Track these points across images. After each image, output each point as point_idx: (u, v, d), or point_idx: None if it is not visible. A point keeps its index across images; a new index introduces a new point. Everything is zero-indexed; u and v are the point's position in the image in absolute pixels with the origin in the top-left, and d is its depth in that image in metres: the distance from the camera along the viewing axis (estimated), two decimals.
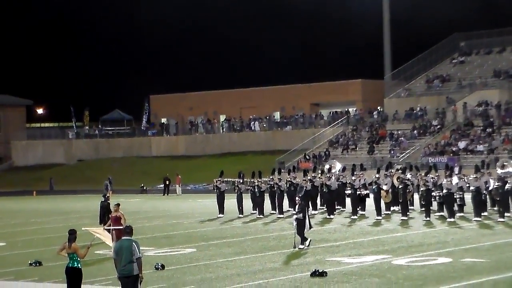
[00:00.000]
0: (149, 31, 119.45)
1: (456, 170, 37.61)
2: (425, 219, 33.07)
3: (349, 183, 37.19)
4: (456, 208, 33.84)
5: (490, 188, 34.37)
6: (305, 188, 35.03)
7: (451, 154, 60.19)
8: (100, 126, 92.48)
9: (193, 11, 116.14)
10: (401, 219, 33.65)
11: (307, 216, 25.51)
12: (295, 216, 25.39)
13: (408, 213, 34.66)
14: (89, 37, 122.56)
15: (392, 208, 36.82)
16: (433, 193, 34.08)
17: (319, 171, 41.52)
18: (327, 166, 42.89)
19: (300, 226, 25.24)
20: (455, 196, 33.49)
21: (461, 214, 34.03)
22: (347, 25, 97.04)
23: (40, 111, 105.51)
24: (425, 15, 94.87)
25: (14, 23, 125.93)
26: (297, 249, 24.95)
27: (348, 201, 37.83)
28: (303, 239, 25.32)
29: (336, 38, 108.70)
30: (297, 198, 26.15)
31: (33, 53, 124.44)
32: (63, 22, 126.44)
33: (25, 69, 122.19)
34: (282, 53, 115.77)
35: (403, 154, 62.78)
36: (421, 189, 34.70)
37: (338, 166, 41.69)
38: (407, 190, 35.29)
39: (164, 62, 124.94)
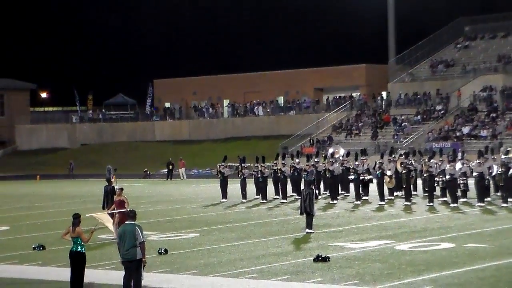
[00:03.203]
0: (153, 15, 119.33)
1: (460, 155, 37.59)
2: (428, 204, 33.08)
3: (353, 168, 37.17)
4: (459, 193, 33.82)
5: (493, 174, 34.34)
6: (314, 172, 34.88)
7: (454, 139, 60.17)
8: (103, 110, 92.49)
9: None
10: (404, 205, 33.67)
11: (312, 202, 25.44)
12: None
13: (411, 199, 34.68)
14: (93, 21, 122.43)
15: (395, 194, 36.83)
16: (436, 179, 34.06)
17: (323, 156, 41.52)
18: (330, 151, 42.88)
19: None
20: (458, 182, 33.48)
21: (464, 199, 34.03)
22: (352, 10, 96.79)
23: (44, 95, 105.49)
24: None
25: (19, 7, 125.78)
26: (311, 231, 25.09)
27: (351, 186, 37.84)
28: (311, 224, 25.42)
29: (340, 23, 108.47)
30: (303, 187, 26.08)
31: (37, 37, 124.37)
32: (67, 6, 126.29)
33: (29, 53, 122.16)
34: (286, 38, 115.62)
35: (407, 139, 62.75)
36: (424, 174, 34.70)
37: (341, 151, 41.68)
38: (410, 176, 35.28)
39: (168, 46, 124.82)
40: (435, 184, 34.21)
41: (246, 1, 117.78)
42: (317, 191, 32.58)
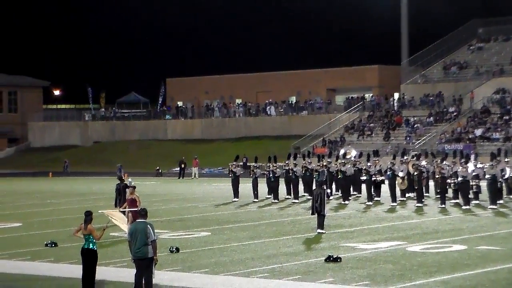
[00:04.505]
0: (166, 14, 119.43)
1: (472, 157, 37.48)
2: (440, 206, 33.00)
3: (365, 169, 37.10)
4: (471, 195, 33.73)
5: (506, 176, 34.24)
6: (326, 172, 34.80)
7: (467, 141, 59.98)
8: (116, 108, 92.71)
9: None
10: (416, 206, 33.58)
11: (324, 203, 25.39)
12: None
13: (423, 200, 34.58)
14: (107, 19, 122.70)
15: (407, 195, 36.76)
16: (448, 181, 33.97)
17: (335, 157, 41.48)
18: (342, 152, 42.81)
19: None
20: (470, 184, 33.38)
21: (477, 201, 33.93)
22: (365, 10, 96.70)
23: (57, 92, 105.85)
24: (443, 1, 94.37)
25: (32, 5, 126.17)
26: (322, 231, 25.06)
27: (363, 187, 37.77)
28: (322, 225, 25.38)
29: (353, 23, 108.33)
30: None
31: (50, 34, 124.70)
32: (81, 4, 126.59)
33: (42, 51, 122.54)
34: (299, 38, 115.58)
35: (419, 141, 62.60)
36: (437, 176, 34.60)
37: (353, 152, 41.62)
38: (422, 177, 35.18)
39: (181, 45, 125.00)
40: (447, 186, 34.12)
41: (259, 1, 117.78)
42: (328, 191, 32.59)
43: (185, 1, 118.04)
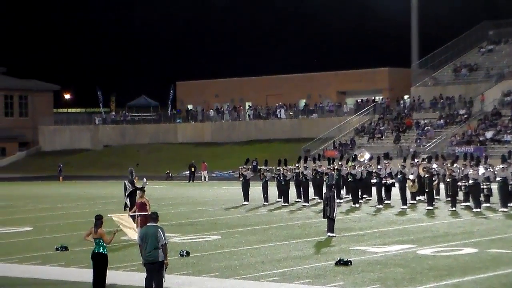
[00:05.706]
0: (176, 17, 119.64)
1: (483, 160, 37.37)
2: (451, 209, 32.92)
3: (375, 172, 37.04)
4: (482, 198, 33.63)
5: None
6: (335, 176, 34.79)
7: (478, 144, 59.82)
8: (126, 112, 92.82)
9: None
10: (427, 209, 33.51)
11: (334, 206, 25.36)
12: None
13: (433, 203, 34.50)
14: (117, 23, 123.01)
15: (417, 198, 36.67)
16: (459, 183, 33.88)
17: (346, 160, 41.44)
18: (355, 154, 42.77)
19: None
20: (481, 186, 33.28)
21: (487, 204, 33.82)
22: (375, 13, 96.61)
23: (67, 96, 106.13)
24: (453, 3, 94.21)
25: (42, 10, 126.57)
26: (332, 235, 25.03)
27: (373, 190, 37.69)
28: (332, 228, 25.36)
29: (363, 26, 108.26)
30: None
31: (61, 38, 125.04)
32: (91, 8, 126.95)
33: (52, 55, 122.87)
34: (309, 41, 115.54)
35: (430, 144, 62.47)
36: (447, 179, 34.51)
37: (366, 155, 41.53)
38: (433, 180, 35.09)
39: (191, 48, 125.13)
40: (458, 189, 34.03)
41: (270, 4, 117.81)
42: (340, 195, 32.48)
43: (195, 4, 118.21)
